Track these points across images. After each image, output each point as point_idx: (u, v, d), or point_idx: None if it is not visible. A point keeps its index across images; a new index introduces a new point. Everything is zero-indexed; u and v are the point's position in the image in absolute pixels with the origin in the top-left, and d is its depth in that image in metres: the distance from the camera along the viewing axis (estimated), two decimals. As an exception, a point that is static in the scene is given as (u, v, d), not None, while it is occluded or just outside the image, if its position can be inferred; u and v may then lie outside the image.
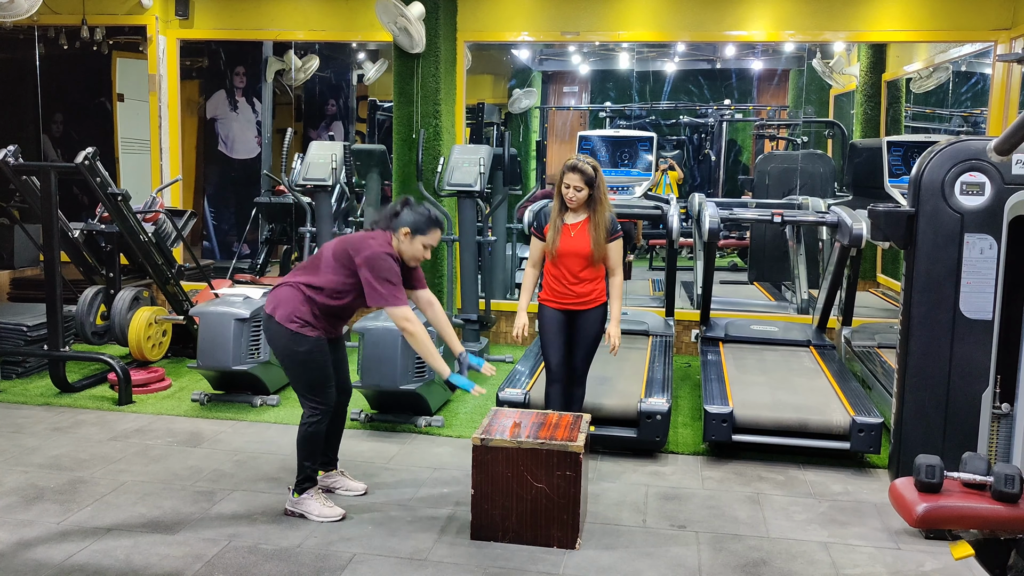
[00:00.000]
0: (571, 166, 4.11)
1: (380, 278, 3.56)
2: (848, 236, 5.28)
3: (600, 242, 4.11)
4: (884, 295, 8.04)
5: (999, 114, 6.45)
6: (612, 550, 3.52)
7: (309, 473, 3.77)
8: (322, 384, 3.73)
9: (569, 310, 4.22)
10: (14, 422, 4.99)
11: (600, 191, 4.12)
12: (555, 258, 4.18)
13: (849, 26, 6.71)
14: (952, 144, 3.68)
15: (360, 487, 4.05)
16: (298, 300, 3.66)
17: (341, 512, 3.75)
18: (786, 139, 9.65)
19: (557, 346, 4.24)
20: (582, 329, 4.23)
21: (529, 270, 4.35)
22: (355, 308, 3.76)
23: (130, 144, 8.45)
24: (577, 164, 4.10)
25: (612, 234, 4.16)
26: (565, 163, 4.17)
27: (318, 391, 3.72)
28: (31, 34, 7.80)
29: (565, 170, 4.14)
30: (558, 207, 4.20)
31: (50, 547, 3.44)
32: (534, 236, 4.32)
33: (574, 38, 7.15)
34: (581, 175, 4.08)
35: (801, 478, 4.36)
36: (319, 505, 3.75)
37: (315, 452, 3.77)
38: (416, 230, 3.66)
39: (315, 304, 3.66)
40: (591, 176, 4.09)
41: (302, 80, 8.92)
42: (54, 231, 5.39)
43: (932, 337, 3.69)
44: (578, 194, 4.09)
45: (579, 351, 4.26)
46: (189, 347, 6.25)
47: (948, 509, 2.42)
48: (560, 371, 4.26)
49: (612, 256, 4.19)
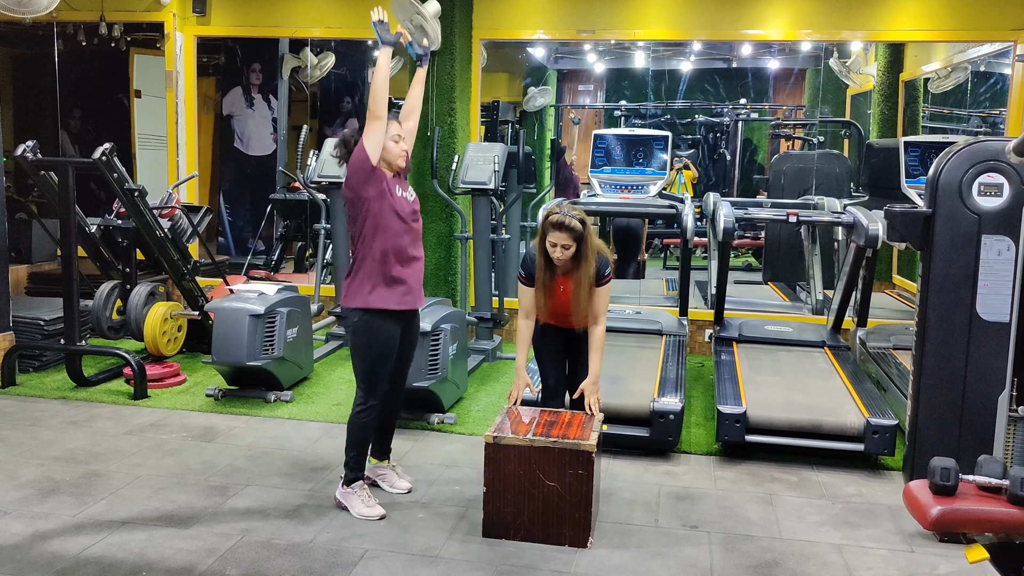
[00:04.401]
0: (557, 223, 3.63)
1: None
2: (864, 237, 5.25)
3: (583, 298, 3.73)
4: (900, 296, 7.99)
5: (1018, 115, 6.40)
6: (624, 549, 3.51)
7: (352, 464, 3.77)
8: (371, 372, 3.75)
9: (569, 328, 3.94)
10: (31, 415, 5.04)
11: (587, 246, 3.69)
12: (547, 316, 3.86)
13: (867, 25, 6.67)
14: (970, 145, 3.66)
15: (404, 486, 4.01)
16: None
17: (381, 512, 3.72)
18: (802, 139, 9.60)
19: (555, 361, 3.98)
20: (583, 350, 3.93)
21: (522, 323, 3.90)
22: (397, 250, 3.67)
23: (147, 140, 8.50)
24: (564, 221, 3.62)
25: (601, 279, 3.77)
26: (548, 218, 3.67)
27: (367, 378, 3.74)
28: (50, 30, 7.85)
29: (548, 228, 3.66)
30: (543, 263, 3.76)
31: (65, 539, 3.47)
32: (522, 284, 3.88)
33: (590, 36, 7.14)
34: (569, 233, 3.63)
35: (814, 479, 4.34)
36: (360, 503, 3.75)
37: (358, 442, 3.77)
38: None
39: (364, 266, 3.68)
40: (579, 232, 3.64)
41: (318, 77, 8.94)
42: (71, 226, 5.43)
43: (948, 339, 3.67)
44: (565, 252, 3.67)
45: (579, 371, 3.97)
46: (204, 342, 6.28)
47: (963, 512, 2.40)
48: (560, 389, 4.02)
49: (597, 303, 3.80)
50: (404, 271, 3.71)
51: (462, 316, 5.45)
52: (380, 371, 3.74)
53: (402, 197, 3.73)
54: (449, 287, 6.74)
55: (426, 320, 4.87)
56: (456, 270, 6.78)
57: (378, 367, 3.73)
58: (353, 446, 3.76)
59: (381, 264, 3.66)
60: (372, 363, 3.72)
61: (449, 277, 6.72)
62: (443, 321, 4.96)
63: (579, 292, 3.74)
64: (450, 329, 4.99)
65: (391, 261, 3.67)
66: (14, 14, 5.72)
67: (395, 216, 3.66)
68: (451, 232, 6.71)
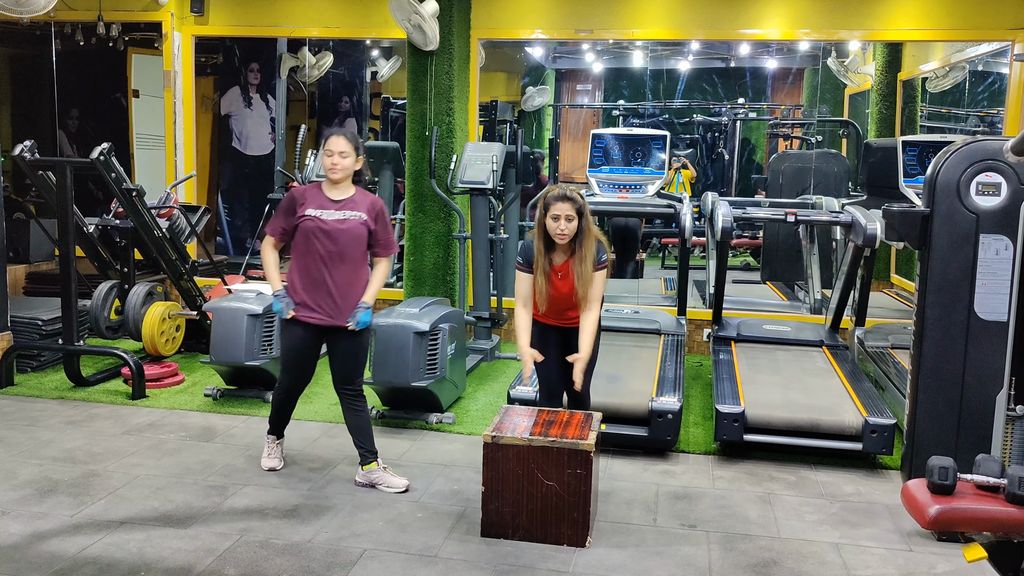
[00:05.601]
0: (559, 195, 3.67)
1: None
2: (862, 236, 5.25)
3: (585, 277, 3.72)
4: (898, 295, 8.00)
5: (1016, 114, 6.40)
6: (622, 549, 3.52)
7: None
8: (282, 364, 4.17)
9: (566, 328, 3.92)
10: (29, 415, 5.03)
11: (588, 221, 3.72)
12: (546, 305, 3.84)
13: (865, 25, 6.67)
14: (968, 144, 3.66)
15: (401, 483, 4.05)
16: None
17: (270, 465, 4.22)
18: (800, 138, 9.60)
19: (553, 363, 3.92)
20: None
21: (520, 311, 3.86)
22: (309, 263, 3.95)
23: (145, 140, 8.49)
24: (565, 192, 3.68)
25: (598, 264, 3.77)
26: (548, 193, 3.71)
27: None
28: (48, 30, 7.84)
29: (551, 200, 3.67)
30: (542, 247, 3.75)
31: (64, 539, 3.47)
32: (521, 272, 3.85)
33: (588, 36, 7.14)
34: (571, 203, 3.66)
35: (813, 479, 4.35)
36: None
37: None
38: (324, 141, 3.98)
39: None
40: (580, 204, 3.68)
41: (316, 77, 8.94)
42: (69, 226, 5.43)
43: (946, 338, 3.67)
44: (569, 224, 3.67)
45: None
46: (202, 342, 6.28)
47: (961, 511, 2.41)
48: (557, 390, 4.00)
49: (593, 288, 3.76)
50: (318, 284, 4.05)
51: (460, 316, 5.45)
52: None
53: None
54: (447, 287, 6.74)
55: (424, 319, 4.87)
56: (455, 270, 6.78)
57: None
58: (272, 407, 4.28)
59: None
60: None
61: (447, 277, 6.73)
62: (441, 321, 4.96)
63: (582, 269, 3.72)
64: (448, 329, 4.99)
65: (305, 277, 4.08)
66: (12, 14, 5.72)
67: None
68: (449, 232, 6.71)
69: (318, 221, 3.88)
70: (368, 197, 4.03)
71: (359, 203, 3.97)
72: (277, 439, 4.33)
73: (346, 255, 3.91)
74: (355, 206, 3.95)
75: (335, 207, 3.92)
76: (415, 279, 6.76)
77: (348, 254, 3.92)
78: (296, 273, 3.95)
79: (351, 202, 3.95)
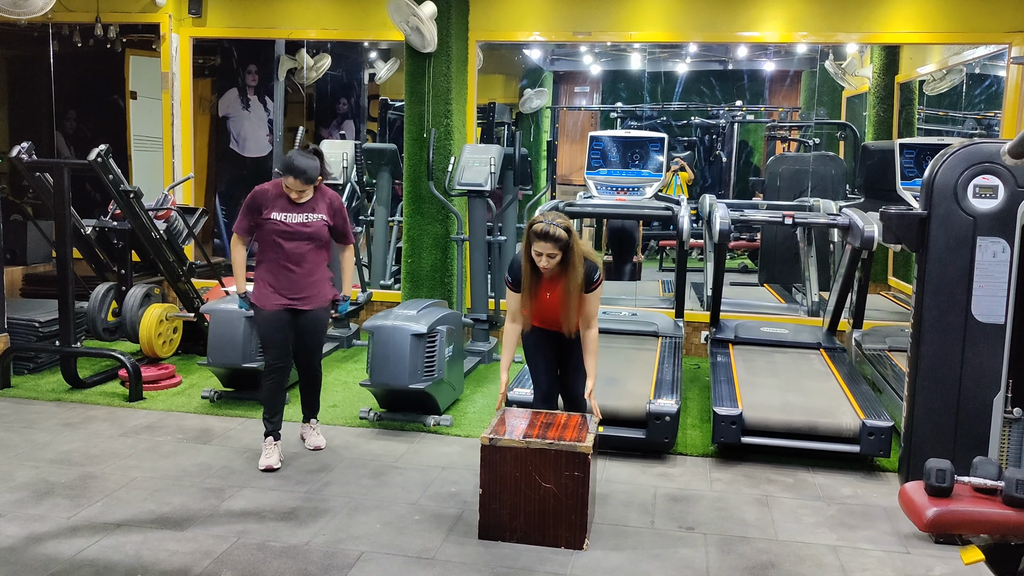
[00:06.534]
0: (541, 233, 3.56)
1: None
2: (859, 239, 5.25)
3: (571, 308, 3.69)
4: (895, 298, 8.01)
5: (1013, 117, 6.41)
6: (620, 551, 3.51)
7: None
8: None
9: (558, 332, 3.88)
10: (25, 417, 5.02)
11: (574, 253, 3.63)
12: (536, 319, 3.83)
13: (862, 27, 6.68)
14: (965, 147, 3.66)
15: (319, 442, 4.61)
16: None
17: (267, 464, 4.29)
18: (798, 141, 9.61)
19: (547, 366, 3.92)
20: (575, 354, 3.88)
21: (509, 326, 3.86)
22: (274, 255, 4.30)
23: (142, 141, 8.48)
24: (548, 231, 3.56)
25: (591, 285, 3.73)
26: (532, 228, 3.60)
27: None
28: (45, 32, 7.84)
29: (534, 237, 3.60)
30: (528, 270, 3.71)
31: (60, 542, 3.46)
32: (510, 289, 3.85)
33: (586, 38, 7.14)
34: (554, 243, 3.57)
35: (810, 481, 4.35)
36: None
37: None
38: (282, 172, 4.23)
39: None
40: (564, 241, 3.58)
41: (314, 79, 8.93)
42: (67, 228, 5.42)
43: (944, 341, 3.67)
44: (551, 261, 3.62)
45: (572, 376, 3.94)
46: (200, 344, 6.27)
47: (958, 513, 2.41)
48: (553, 393, 3.98)
49: (588, 308, 3.74)
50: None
51: (458, 318, 5.45)
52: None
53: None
54: (445, 289, 6.74)
55: (422, 322, 4.87)
56: (452, 272, 6.78)
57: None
58: (262, 404, 4.44)
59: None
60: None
61: (445, 279, 6.72)
62: (439, 323, 4.96)
63: (568, 299, 3.69)
64: (446, 331, 4.99)
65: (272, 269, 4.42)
66: (9, 15, 5.71)
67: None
68: (447, 234, 6.71)
69: (282, 225, 4.25)
70: (326, 196, 4.39)
71: (319, 203, 4.33)
72: (275, 441, 4.35)
73: (309, 253, 4.32)
74: (315, 207, 4.32)
75: (297, 210, 4.28)
76: (413, 281, 6.76)
77: (311, 251, 4.32)
78: (263, 268, 4.34)
79: (311, 204, 4.31)
